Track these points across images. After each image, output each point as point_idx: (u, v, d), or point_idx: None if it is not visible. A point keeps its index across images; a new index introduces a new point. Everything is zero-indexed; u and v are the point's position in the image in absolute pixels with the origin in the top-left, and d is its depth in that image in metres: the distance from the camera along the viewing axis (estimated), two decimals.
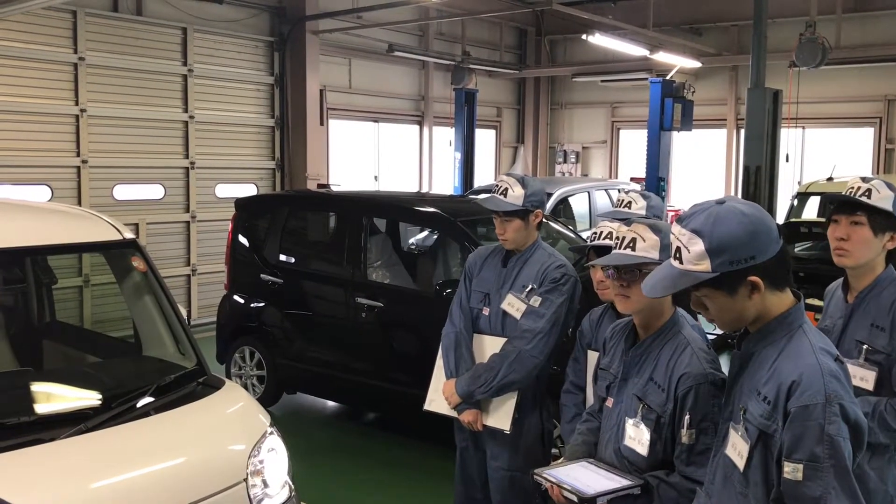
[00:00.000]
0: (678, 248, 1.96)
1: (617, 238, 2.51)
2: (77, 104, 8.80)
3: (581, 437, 2.69)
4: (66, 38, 8.70)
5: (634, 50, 11.82)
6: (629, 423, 2.44)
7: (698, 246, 1.90)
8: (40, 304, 4.28)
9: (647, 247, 2.43)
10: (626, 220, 3.95)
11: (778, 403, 1.86)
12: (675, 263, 1.97)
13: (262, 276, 6.66)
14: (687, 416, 2.32)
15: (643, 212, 3.89)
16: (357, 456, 5.92)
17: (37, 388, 3.34)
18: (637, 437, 2.41)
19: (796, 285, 2.06)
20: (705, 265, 1.90)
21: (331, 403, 7.05)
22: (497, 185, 3.67)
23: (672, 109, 11.53)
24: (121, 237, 3.59)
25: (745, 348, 2.02)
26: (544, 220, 3.92)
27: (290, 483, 3.33)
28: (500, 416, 3.63)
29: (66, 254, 4.45)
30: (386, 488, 5.38)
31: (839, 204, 2.82)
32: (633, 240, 2.45)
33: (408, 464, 5.76)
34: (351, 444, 6.19)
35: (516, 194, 3.61)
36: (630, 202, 3.90)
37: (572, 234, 7.14)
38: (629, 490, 2.35)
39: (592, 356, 3.22)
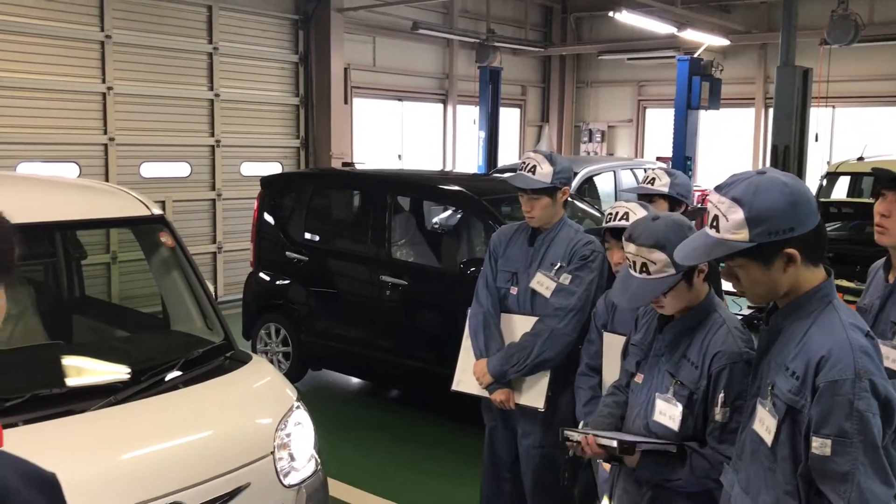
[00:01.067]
0: (715, 217, 1.92)
1: (630, 263, 2.47)
2: (104, 82, 8.85)
3: (607, 409, 2.70)
4: (92, 17, 8.75)
5: (662, 27, 11.67)
6: (660, 398, 2.44)
7: (737, 214, 1.87)
8: (70, 279, 4.34)
9: (661, 267, 2.40)
10: (648, 197, 3.94)
11: (807, 379, 1.84)
12: (711, 232, 1.94)
13: (287, 253, 6.70)
14: (721, 395, 2.31)
15: (666, 189, 3.85)
16: (381, 432, 5.97)
17: (68, 361, 3.39)
18: (668, 412, 2.41)
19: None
20: (743, 234, 1.87)
21: (354, 380, 7.11)
22: (524, 163, 3.64)
23: (700, 88, 11.40)
24: (149, 213, 3.62)
25: (774, 323, 2.00)
26: (569, 198, 3.90)
27: (317, 457, 3.37)
28: (534, 394, 3.62)
29: (96, 228, 4.50)
30: (410, 464, 5.42)
31: (888, 180, 2.75)
32: (644, 264, 2.42)
33: (431, 441, 5.79)
34: (374, 421, 6.23)
35: (544, 171, 3.57)
36: (654, 178, 3.86)
37: (598, 214, 7.10)
38: (666, 446, 2.35)
39: (608, 338, 3.21)
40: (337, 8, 10.84)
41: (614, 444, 2.35)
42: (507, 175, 3.40)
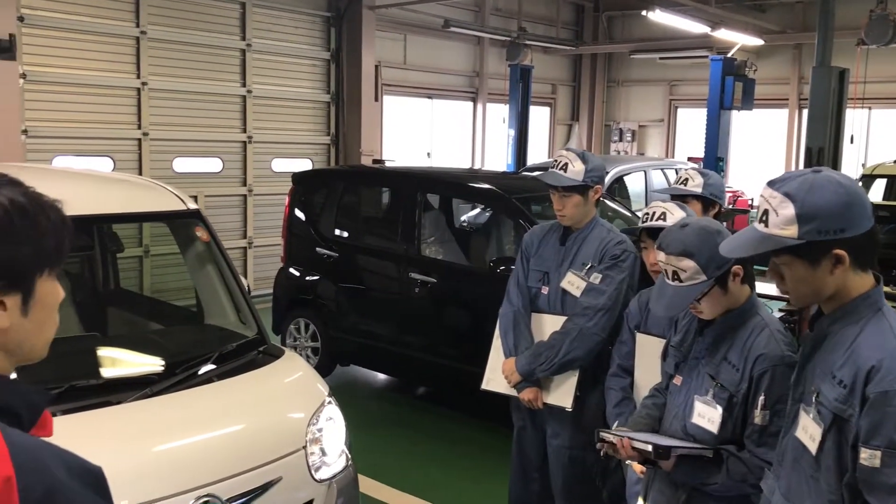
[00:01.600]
0: (765, 211, 1.89)
1: (664, 271, 2.47)
2: (139, 77, 8.95)
3: (645, 410, 2.69)
4: (128, 13, 8.84)
5: (695, 27, 11.57)
6: (699, 401, 2.42)
7: (788, 210, 1.84)
8: (105, 272, 4.39)
9: (691, 274, 2.40)
10: (681, 198, 3.91)
11: (855, 388, 1.79)
12: (760, 227, 1.90)
13: (317, 249, 6.73)
14: (761, 397, 2.28)
15: (699, 189, 3.81)
16: (408, 429, 5.98)
17: (104, 352, 3.44)
18: (707, 414, 2.39)
19: None
20: (792, 231, 1.83)
21: (382, 376, 7.13)
22: (556, 160, 3.63)
23: (733, 88, 11.28)
24: (185, 207, 3.66)
25: (819, 328, 1.96)
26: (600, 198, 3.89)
27: (347, 452, 3.38)
28: (562, 393, 3.62)
29: (133, 222, 4.55)
30: (437, 461, 5.43)
31: None
32: (675, 273, 2.42)
33: (458, 438, 5.80)
34: (402, 418, 6.25)
35: (576, 169, 3.56)
36: (687, 179, 3.82)
37: (629, 213, 7.06)
38: (702, 451, 2.33)
39: (640, 339, 3.19)
40: (369, 5, 10.87)
41: (649, 448, 2.34)
42: (537, 173, 3.39)
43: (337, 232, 6.81)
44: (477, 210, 7.84)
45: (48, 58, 8.23)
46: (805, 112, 11.63)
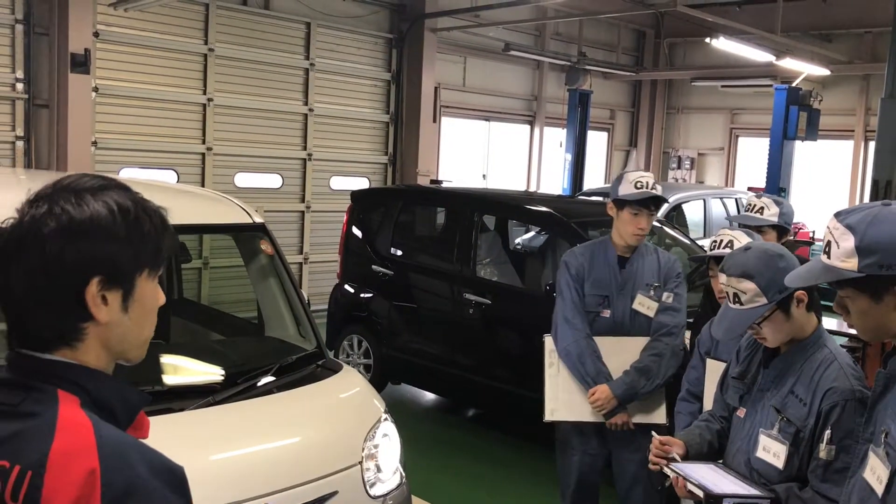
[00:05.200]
0: (828, 242, 1.87)
1: (727, 294, 2.45)
2: (205, 93, 9.17)
3: (698, 430, 2.66)
4: (197, 30, 9.08)
5: (760, 55, 11.41)
6: (764, 434, 2.36)
7: (849, 242, 1.81)
8: (170, 281, 4.48)
9: (751, 297, 2.36)
10: (758, 227, 3.87)
11: None
12: (824, 258, 1.88)
13: (373, 267, 6.78)
14: (828, 432, 2.23)
15: (775, 219, 3.80)
16: (457, 450, 5.96)
17: (167, 360, 3.50)
18: (772, 449, 2.33)
19: None
20: (852, 263, 1.80)
21: (432, 396, 7.12)
22: (643, 181, 3.64)
23: (797, 118, 11.09)
24: (251, 221, 3.72)
25: (893, 367, 1.91)
26: (658, 224, 4.00)
27: (402, 470, 3.38)
28: (653, 411, 3.70)
29: (202, 233, 4.65)
30: (486, 484, 5.40)
31: None
32: (735, 295, 2.39)
33: (507, 461, 5.75)
34: (452, 438, 6.23)
35: (660, 190, 3.69)
36: (762, 208, 3.81)
37: (688, 241, 6.97)
38: (757, 500, 2.27)
39: (710, 364, 3.16)
40: (431, 28, 10.98)
41: (700, 493, 2.28)
42: (632, 191, 3.39)
43: (393, 250, 6.85)
44: (531, 233, 7.82)
45: (119, 72, 8.48)
46: (871, 144, 11.36)
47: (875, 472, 1.86)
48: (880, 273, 1.77)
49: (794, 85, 11.63)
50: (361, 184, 10.55)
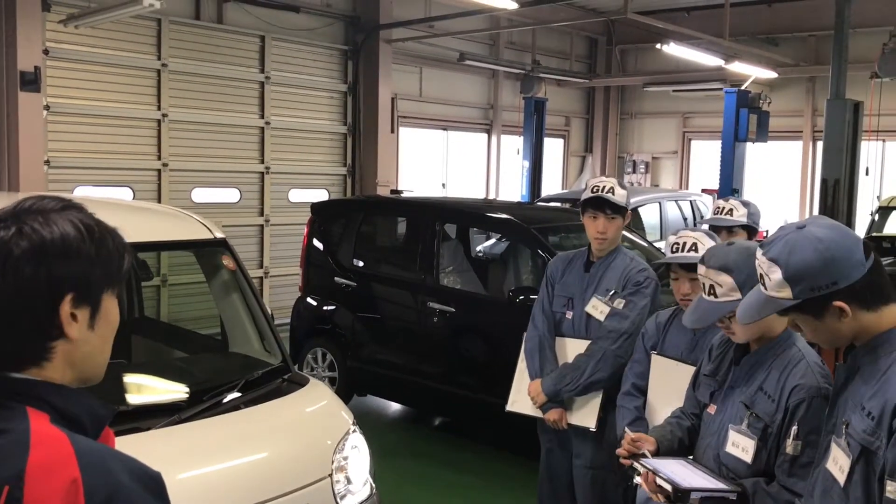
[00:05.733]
0: (762, 275, 1.97)
1: (703, 286, 2.51)
2: (159, 109, 9.08)
3: (669, 427, 2.70)
4: (150, 46, 8.99)
5: (709, 60, 11.64)
6: (733, 430, 2.42)
7: (777, 274, 1.91)
8: (130, 300, 4.43)
9: (727, 290, 2.44)
10: (728, 228, 3.99)
11: (882, 420, 1.80)
12: (762, 290, 1.98)
13: (335, 279, 6.76)
14: (795, 427, 2.29)
15: (744, 219, 3.92)
16: (425, 459, 5.96)
17: (132, 379, 3.46)
18: (741, 444, 2.40)
19: None
20: (787, 293, 1.90)
21: (398, 406, 7.12)
22: (600, 185, 3.70)
23: (747, 120, 11.33)
24: (213, 236, 3.70)
25: (852, 360, 1.98)
26: None
27: (372, 481, 3.39)
28: (586, 414, 3.72)
29: (162, 250, 4.60)
30: (456, 491, 5.41)
31: None
32: (712, 287, 2.47)
33: (477, 469, 5.77)
34: (419, 448, 6.23)
35: (622, 193, 3.68)
36: (731, 209, 3.93)
37: (646, 244, 7.08)
38: (725, 493, 2.33)
39: (655, 360, 3.23)
40: (386, 39, 11.01)
41: (669, 488, 2.33)
42: (587, 196, 3.43)
43: (355, 261, 6.84)
44: (492, 240, 7.87)
45: (71, 90, 8.36)
46: (819, 144, 11.66)
47: (837, 463, 1.92)
48: (814, 295, 1.87)
49: (743, 88, 11.89)
50: (321, 196, 10.51)
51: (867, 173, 11.17)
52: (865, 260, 1.88)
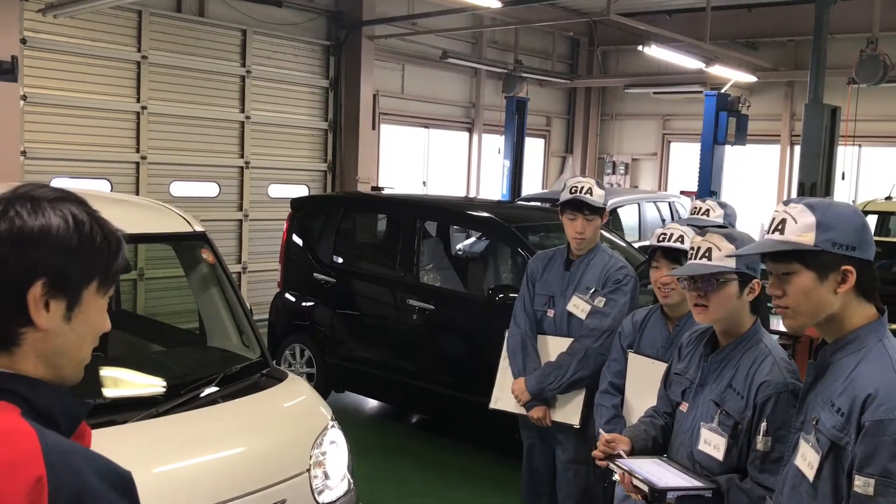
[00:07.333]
0: (783, 220, 1.95)
1: (692, 248, 2.53)
2: (139, 101, 8.99)
3: (643, 426, 2.72)
4: (130, 38, 8.91)
5: (690, 62, 11.72)
6: (705, 428, 2.45)
7: (809, 218, 1.91)
8: None
9: (723, 255, 2.44)
10: (701, 229, 4.01)
11: (852, 416, 1.83)
12: (775, 235, 1.96)
13: (315, 275, 6.74)
14: (764, 424, 2.32)
15: (721, 220, 3.96)
16: (403, 456, 5.96)
17: (108, 372, 3.43)
18: (713, 441, 2.42)
19: None
20: (809, 238, 1.90)
21: (377, 403, 7.11)
22: (578, 186, 3.73)
23: (726, 123, 11.43)
24: (192, 230, 3.68)
25: (822, 358, 2.00)
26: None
27: (350, 477, 3.38)
28: (569, 411, 3.77)
29: (140, 243, 4.56)
30: (433, 488, 5.41)
31: None
32: (709, 249, 2.47)
33: (454, 466, 5.78)
34: (397, 445, 6.23)
35: (599, 193, 3.72)
36: (708, 210, 3.97)
37: (624, 244, 7.12)
38: (700, 491, 2.35)
39: (632, 358, 3.26)
40: (368, 35, 10.98)
41: (645, 488, 2.35)
42: (564, 196, 3.45)
43: (335, 258, 6.83)
44: (472, 239, 7.88)
45: (49, 80, 8.26)
46: (797, 148, 11.79)
47: (806, 459, 1.95)
48: (832, 251, 1.88)
49: (723, 91, 11.98)
50: (300, 191, 10.47)
51: (843, 178, 11.30)
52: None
